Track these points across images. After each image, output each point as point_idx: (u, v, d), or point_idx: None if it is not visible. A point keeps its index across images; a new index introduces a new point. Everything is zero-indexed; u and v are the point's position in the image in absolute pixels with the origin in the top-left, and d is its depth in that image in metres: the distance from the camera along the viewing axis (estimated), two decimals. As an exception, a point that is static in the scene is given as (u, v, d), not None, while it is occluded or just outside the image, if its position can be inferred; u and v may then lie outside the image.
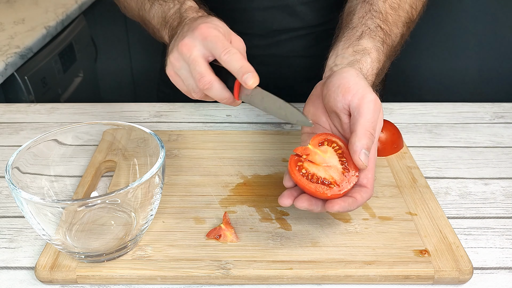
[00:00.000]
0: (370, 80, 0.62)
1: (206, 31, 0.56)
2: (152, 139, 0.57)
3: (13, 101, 1.26)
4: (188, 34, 0.58)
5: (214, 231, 0.57)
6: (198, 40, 0.57)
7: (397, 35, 0.69)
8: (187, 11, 0.66)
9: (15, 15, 1.48)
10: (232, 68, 0.55)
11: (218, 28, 0.58)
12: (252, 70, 0.54)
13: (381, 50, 0.65)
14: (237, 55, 0.55)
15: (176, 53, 0.58)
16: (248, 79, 0.54)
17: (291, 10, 0.86)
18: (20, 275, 0.54)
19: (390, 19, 0.69)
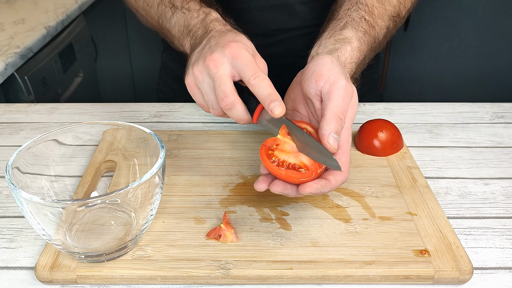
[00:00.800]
0: (348, 68, 0.62)
1: (237, 51, 0.56)
2: (152, 139, 0.57)
3: (13, 101, 1.26)
4: (217, 49, 0.57)
5: (214, 231, 0.57)
6: (227, 58, 0.56)
7: (382, 28, 0.70)
8: (213, 22, 0.65)
9: (15, 15, 1.48)
10: (260, 94, 0.55)
11: (247, 48, 0.57)
12: (280, 99, 0.54)
13: (363, 40, 0.65)
14: (266, 82, 0.54)
15: (201, 66, 0.57)
16: (275, 108, 0.53)
17: (290, 9, 0.86)
18: (20, 275, 0.54)
19: (376, 12, 0.70)
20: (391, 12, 0.72)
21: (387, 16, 0.71)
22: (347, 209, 0.61)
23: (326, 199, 0.63)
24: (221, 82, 0.55)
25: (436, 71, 2.26)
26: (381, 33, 0.70)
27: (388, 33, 0.72)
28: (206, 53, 0.57)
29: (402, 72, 2.24)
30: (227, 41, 0.57)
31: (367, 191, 0.65)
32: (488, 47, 2.21)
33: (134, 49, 2.30)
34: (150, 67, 2.19)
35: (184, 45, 0.68)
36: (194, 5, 0.68)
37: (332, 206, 0.62)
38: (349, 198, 0.63)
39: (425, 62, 2.21)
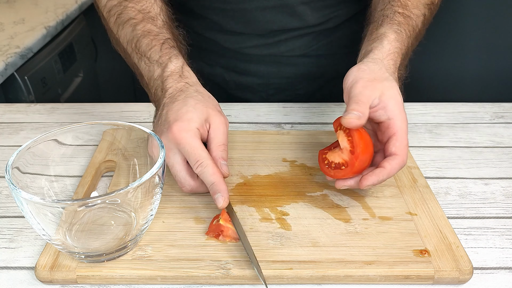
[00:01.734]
0: (390, 59, 0.63)
1: (179, 136, 0.57)
2: (152, 139, 0.57)
3: (13, 101, 1.26)
4: (164, 132, 0.59)
5: (213, 227, 0.56)
6: (173, 144, 0.58)
7: (419, 16, 0.71)
8: (168, 79, 0.63)
9: (15, 15, 1.48)
10: (205, 182, 0.57)
11: (191, 126, 0.57)
12: (224, 189, 0.56)
13: (399, 31, 0.66)
14: (209, 169, 0.56)
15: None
16: (217, 201, 0.56)
17: (291, 10, 0.86)
18: (20, 275, 0.54)
19: (409, 3, 0.71)
20: (425, 1, 0.73)
21: (422, 4, 0.72)
22: (347, 209, 0.61)
23: (326, 199, 0.63)
24: (175, 172, 0.59)
25: (436, 71, 2.26)
26: (419, 21, 0.71)
27: (425, 20, 0.73)
28: (157, 133, 0.60)
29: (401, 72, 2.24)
30: (171, 120, 0.58)
31: (367, 191, 0.65)
32: (488, 47, 2.21)
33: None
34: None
35: (150, 96, 0.69)
36: (154, 53, 0.66)
37: (332, 206, 0.62)
38: (349, 198, 0.63)
39: (425, 62, 2.21)
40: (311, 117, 0.86)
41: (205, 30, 0.92)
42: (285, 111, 0.88)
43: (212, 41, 0.92)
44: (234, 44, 0.92)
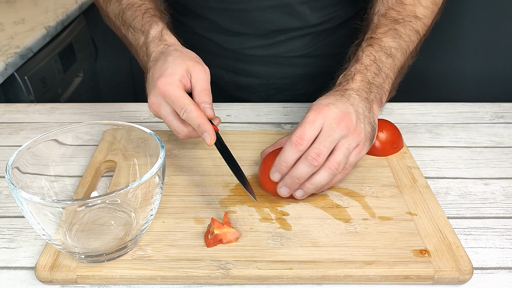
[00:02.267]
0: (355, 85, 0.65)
1: (163, 90, 0.62)
2: (152, 139, 0.57)
3: (13, 101, 1.26)
4: (151, 90, 0.63)
5: (211, 240, 0.55)
6: (160, 97, 0.63)
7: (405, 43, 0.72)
8: (151, 44, 0.68)
9: (15, 15, 1.48)
10: (192, 126, 0.62)
11: (173, 79, 0.62)
12: (209, 128, 0.61)
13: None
14: (193, 113, 0.61)
15: (151, 108, 0.65)
16: (205, 138, 0.61)
17: (290, 9, 0.86)
18: (20, 275, 0.54)
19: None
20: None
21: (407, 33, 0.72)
22: (347, 209, 0.61)
23: (326, 199, 0.63)
24: (168, 123, 0.64)
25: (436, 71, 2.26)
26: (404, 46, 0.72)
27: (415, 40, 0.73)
28: (148, 94, 0.64)
29: (402, 72, 2.24)
30: (156, 78, 0.63)
31: (367, 191, 0.65)
32: (488, 47, 2.21)
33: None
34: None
35: (140, 63, 0.74)
36: (137, 22, 0.72)
37: (332, 206, 0.62)
38: (349, 198, 0.63)
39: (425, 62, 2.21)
40: (311, 117, 0.86)
41: (205, 30, 0.92)
42: (285, 111, 0.88)
43: (212, 41, 0.92)
44: (234, 45, 0.92)
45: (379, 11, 0.74)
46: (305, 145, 0.58)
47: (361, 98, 0.63)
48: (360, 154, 0.61)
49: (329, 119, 0.59)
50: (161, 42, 0.68)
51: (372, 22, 0.73)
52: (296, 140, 0.58)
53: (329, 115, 0.59)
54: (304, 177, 0.59)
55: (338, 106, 0.60)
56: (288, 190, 0.60)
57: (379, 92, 0.66)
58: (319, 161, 0.58)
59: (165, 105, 0.63)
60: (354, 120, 0.60)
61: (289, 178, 0.59)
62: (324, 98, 0.62)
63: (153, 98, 0.63)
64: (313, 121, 0.58)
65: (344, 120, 0.59)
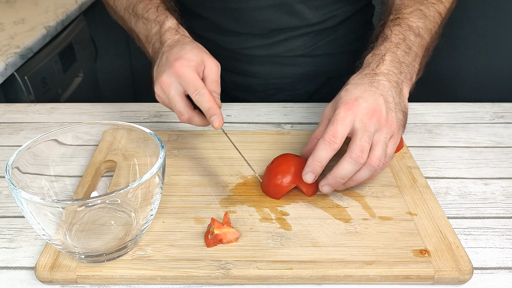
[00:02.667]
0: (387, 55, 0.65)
1: (180, 70, 0.63)
2: (152, 139, 0.57)
3: (13, 101, 1.26)
4: (165, 70, 0.65)
5: (211, 240, 0.55)
6: (174, 77, 0.64)
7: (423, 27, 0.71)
8: (166, 33, 0.71)
9: (15, 15, 1.48)
10: (202, 108, 0.63)
11: (189, 64, 0.64)
12: (219, 112, 0.63)
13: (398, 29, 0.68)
14: (206, 97, 0.63)
15: (158, 87, 0.66)
16: (214, 121, 0.63)
17: (289, 8, 0.86)
18: (20, 275, 0.54)
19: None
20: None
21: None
22: (347, 209, 0.61)
23: (326, 199, 0.63)
24: (175, 103, 0.65)
25: (436, 71, 2.26)
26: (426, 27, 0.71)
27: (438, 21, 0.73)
28: (159, 74, 0.66)
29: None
30: (172, 60, 0.65)
31: (367, 191, 0.65)
32: (488, 47, 2.21)
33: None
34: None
35: (148, 52, 0.76)
36: (151, 14, 0.75)
37: (332, 206, 0.62)
38: (349, 198, 0.63)
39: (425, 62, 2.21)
40: (311, 117, 0.86)
41: (204, 31, 0.92)
42: (285, 111, 0.88)
43: (211, 42, 0.92)
44: (233, 45, 0.92)
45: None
46: (338, 143, 0.58)
47: (391, 84, 0.62)
48: (396, 144, 0.61)
49: (360, 114, 0.58)
50: (177, 32, 0.71)
51: (394, 3, 0.72)
52: (330, 138, 0.57)
53: (359, 110, 0.58)
54: (349, 176, 0.58)
55: (367, 99, 0.59)
56: (331, 188, 0.60)
57: (410, 71, 0.65)
58: (364, 157, 0.57)
59: (177, 85, 0.64)
60: (385, 112, 0.59)
61: (333, 178, 0.59)
62: (352, 89, 0.61)
63: (166, 77, 0.64)
64: (344, 118, 0.58)
65: (375, 113, 0.59)
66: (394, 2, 0.73)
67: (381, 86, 0.61)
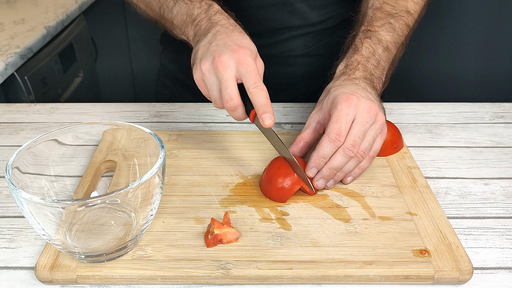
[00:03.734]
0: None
1: (243, 58, 0.61)
2: (152, 139, 0.57)
3: (13, 101, 1.26)
4: (226, 52, 0.61)
5: (211, 240, 0.55)
6: (234, 62, 0.61)
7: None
8: (217, 14, 0.68)
9: (15, 15, 1.48)
10: (256, 103, 0.61)
11: (252, 55, 0.62)
12: (272, 111, 0.61)
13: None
14: (264, 93, 0.61)
15: (209, 64, 0.62)
16: (266, 119, 0.60)
17: (290, 8, 0.86)
18: (20, 275, 0.54)
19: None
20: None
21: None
22: (347, 209, 0.61)
23: (326, 199, 0.63)
24: (228, 86, 0.61)
25: (436, 71, 2.26)
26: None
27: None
28: (214, 52, 0.62)
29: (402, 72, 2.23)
30: (235, 45, 0.62)
31: (367, 191, 0.65)
32: (488, 47, 2.21)
33: (134, 49, 2.29)
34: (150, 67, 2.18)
35: (187, 33, 0.71)
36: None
37: (332, 206, 0.62)
38: (349, 198, 0.63)
39: (425, 62, 2.21)
40: (311, 117, 0.86)
41: (205, 30, 0.92)
42: (285, 111, 0.88)
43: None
44: (234, 44, 0.92)
45: (374, 5, 0.77)
46: (343, 140, 0.62)
47: (371, 87, 0.66)
48: (383, 140, 0.65)
49: (360, 109, 0.62)
50: (229, 17, 0.69)
51: (367, 14, 0.76)
52: (335, 137, 0.61)
53: (360, 105, 0.62)
54: (341, 167, 0.63)
55: (363, 95, 0.63)
56: (325, 181, 0.63)
57: (379, 83, 0.70)
58: (355, 151, 0.62)
59: (233, 70, 0.62)
60: (377, 108, 0.64)
61: (327, 169, 0.63)
62: (343, 88, 0.65)
63: (226, 58, 0.61)
64: (347, 114, 0.62)
65: (373, 108, 0.63)
66: (366, 13, 0.77)
67: (367, 87, 0.66)
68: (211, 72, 0.62)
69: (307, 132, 0.67)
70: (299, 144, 0.67)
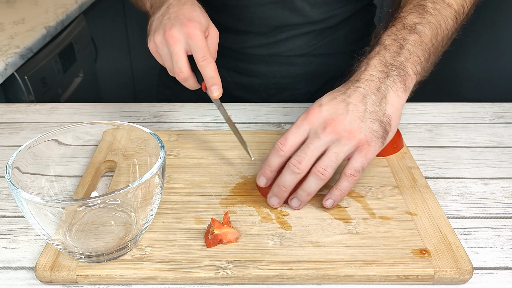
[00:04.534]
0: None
1: (193, 32, 0.64)
2: (152, 139, 0.57)
3: (13, 101, 1.26)
4: (175, 25, 0.64)
5: (211, 240, 0.55)
6: (184, 36, 0.64)
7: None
8: None
9: (15, 15, 1.48)
10: (205, 75, 0.64)
11: (201, 28, 0.65)
12: (219, 83, 0.64)
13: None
14: (211, 66, 0.64)
15: (161, 37, 0.64)
16: (214, 91, 0.64)
17: (291, 5, 0.86)
18: (20, 275, 0.54)
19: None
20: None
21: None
22: (347, 209, 0.61)
23: (326, 199, 0.63)
24: (178, 59, 0.64)
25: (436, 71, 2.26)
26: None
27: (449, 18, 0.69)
28: (165, 25, 0.65)
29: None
30: (184, 18, 0.65)
31: (367, 191, 0.65)
32: (488, 47, 2.21)
33: (134, 49, 2.30)
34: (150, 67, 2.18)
35: (145, 4, 0.76)
36: None
37: (332, 206, 0.62)
38: (349, 198, 0.63)
39: (425, 62, 2.21)
40: (311, 117, 0.86)
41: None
42: (285, 111, 0.88)
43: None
44: (235, 44, 0.92)
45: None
46: (286, 150, 0.58)
47: (371, 91, 0.59)
48: (367, 157, 0.57)
49: (315, 124, 0.58)
50: None
51: (401, 4, 0.70)
52: (278, 145, 0.59)
53: (315, 120, 0.58)
54: (290, 185, 0.58)
55: (331, 107, 0.58)
56: (277, 200, 0.60)
57: (400, 74, 0.60)
58: (301, 168, 0.57)
59: (183, 43, 0.64)
60: (347, 122, 0.57)
61: (276, 186, 0.60)
62: (324, 97, 0.60)
63: (176, 32, 0.64)
64: (298, 126, 0.58)
65: (332, 124, 0.57)
66: (399, 3, 0.70)
67: (356, 94, 0.58)
68: (163, 44, 0.64)
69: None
70: None
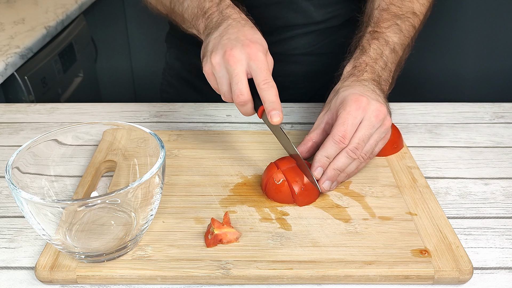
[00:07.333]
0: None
1: (255, 54, 0.61)
2: (152, 139, 0.57)
3: (13, 101, 1.26)
4: (237, 46, 0.61)
5: (211, 240, 0.55)
6: (245, 57, 0.61)
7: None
8: (229, 8, 0.68)
9: (15, 15, 1.48)
10: (265, 99, 0.61)
11: (263, 50, 0.63)
12: (280, 108, 0.61)
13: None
14: (273, 90, 0.61)
15: (220, 58, 0.61)
16: (274, 116, 0.60)
17: (295, 6, 0.87)
18: (20, 275, 0.54)
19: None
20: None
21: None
22: (347, 209, 0.61)
23: (326, 199, 0.63)
24: (238, 80, 0.61)
25: (436, 71, 2.26)
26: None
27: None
28: (225, 46, 0.61)
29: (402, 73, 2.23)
30: (246, 40, 0.62)
31: (367, 191, 0.65)
32: (488, 47, 2.21)
33: (135, 49, 2.30)
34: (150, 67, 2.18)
35: (197, 26, 0.71)
36: None
37: (332, 206, 0.62)
38: (349, 198, 0.63)
39: (425, 62, 2.21)
40: (311, 117, 0.86)
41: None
42: (285, 111, 0.88)
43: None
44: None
45: (380, 6, 0.76)
46: (347, 142, 0.62)
47: (379, 89, 0.66)
48: (384, 144, 0.65)
49: (369, 112, 0.62)
50: (241, 12, 0.69)
51: (373, 15, 0.75)
52: (340, 139, 0.61)
53: (369, 108, 0.62)
54: (344, 168, 0.63)
55: (372, 98, 0.63)
56: (330, 183, 0.63)
57: (385, 85, 0.69)
58: (358, 154, 0.62)
59: (244, 64, 0.61)
60: (386, 112, 0.63)
61: (331, 170, 0.62)
62: (352, 90, 0.64)
63: (237, 52, 0.61)
64: (355, 117, 0.62)
65: (381, 112, 0.62)
66: (372, 14, 0.76)
67: (376, 89, 0.66)
68: (222, 65, 0.61)
69: (316, 133, 0.67)
70: (307, 144, 0.67)
